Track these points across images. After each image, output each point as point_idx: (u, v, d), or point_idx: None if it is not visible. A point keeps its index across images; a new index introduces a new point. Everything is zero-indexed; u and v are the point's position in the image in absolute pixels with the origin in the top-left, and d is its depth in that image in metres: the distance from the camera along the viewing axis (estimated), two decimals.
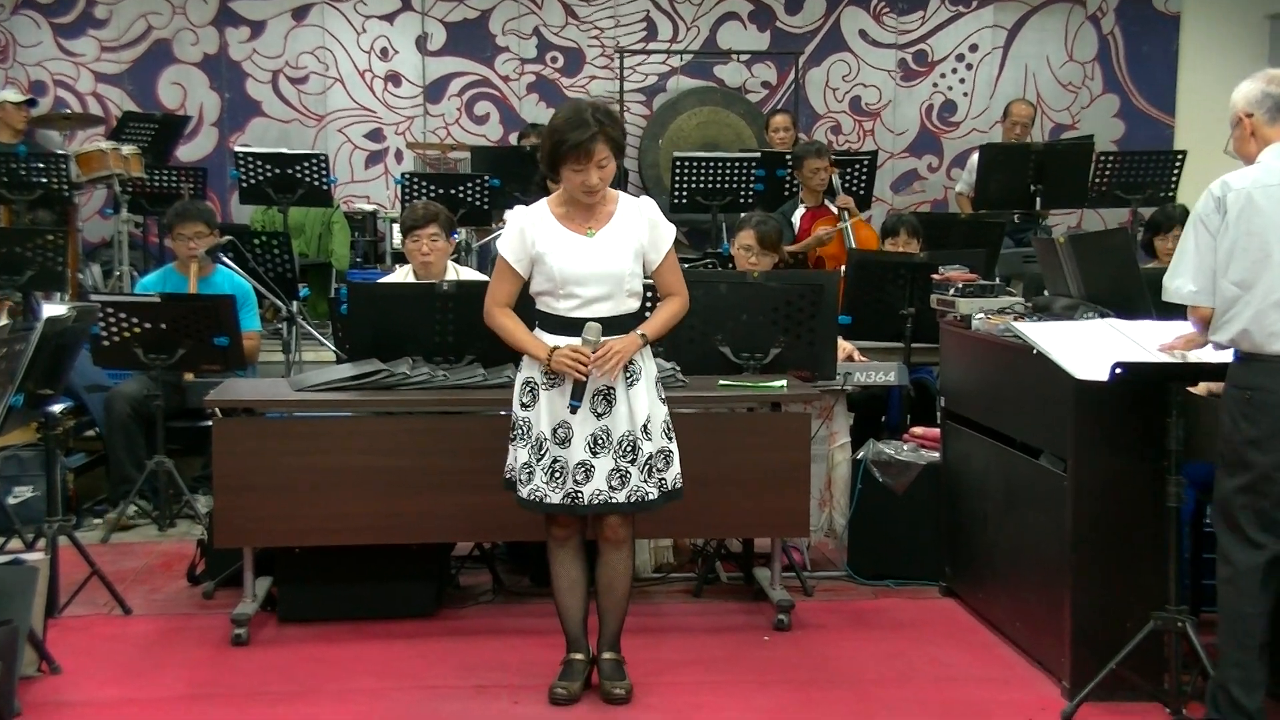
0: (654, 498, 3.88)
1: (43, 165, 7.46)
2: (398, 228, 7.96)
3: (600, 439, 3.82)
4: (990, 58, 10.31)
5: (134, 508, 5.96)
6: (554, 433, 3.83)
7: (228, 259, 6.38)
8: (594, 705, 3.95)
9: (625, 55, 10.01)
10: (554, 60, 10.13)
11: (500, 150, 9.07)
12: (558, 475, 3.84)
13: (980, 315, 4.71)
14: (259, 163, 7.87)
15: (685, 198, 7.74)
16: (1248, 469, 3.43)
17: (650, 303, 4.18)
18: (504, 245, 3.93)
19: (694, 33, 10.16)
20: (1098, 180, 7.89)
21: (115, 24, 9.76)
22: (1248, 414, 3.43)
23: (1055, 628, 4.03)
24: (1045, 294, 4.92)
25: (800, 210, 7.26)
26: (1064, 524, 3.95)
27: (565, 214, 3.90)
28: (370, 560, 4.63)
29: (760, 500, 4.60)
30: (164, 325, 5.66)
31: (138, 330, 5.66)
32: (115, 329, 5.67)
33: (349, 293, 5.11)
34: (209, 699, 4.05)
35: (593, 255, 3.84)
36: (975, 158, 8.44)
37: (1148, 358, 3.77)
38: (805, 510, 4.73)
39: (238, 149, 8.41)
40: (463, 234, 7.66)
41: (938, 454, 5.08)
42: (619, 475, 3.82)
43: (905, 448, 5.22)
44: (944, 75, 10.32)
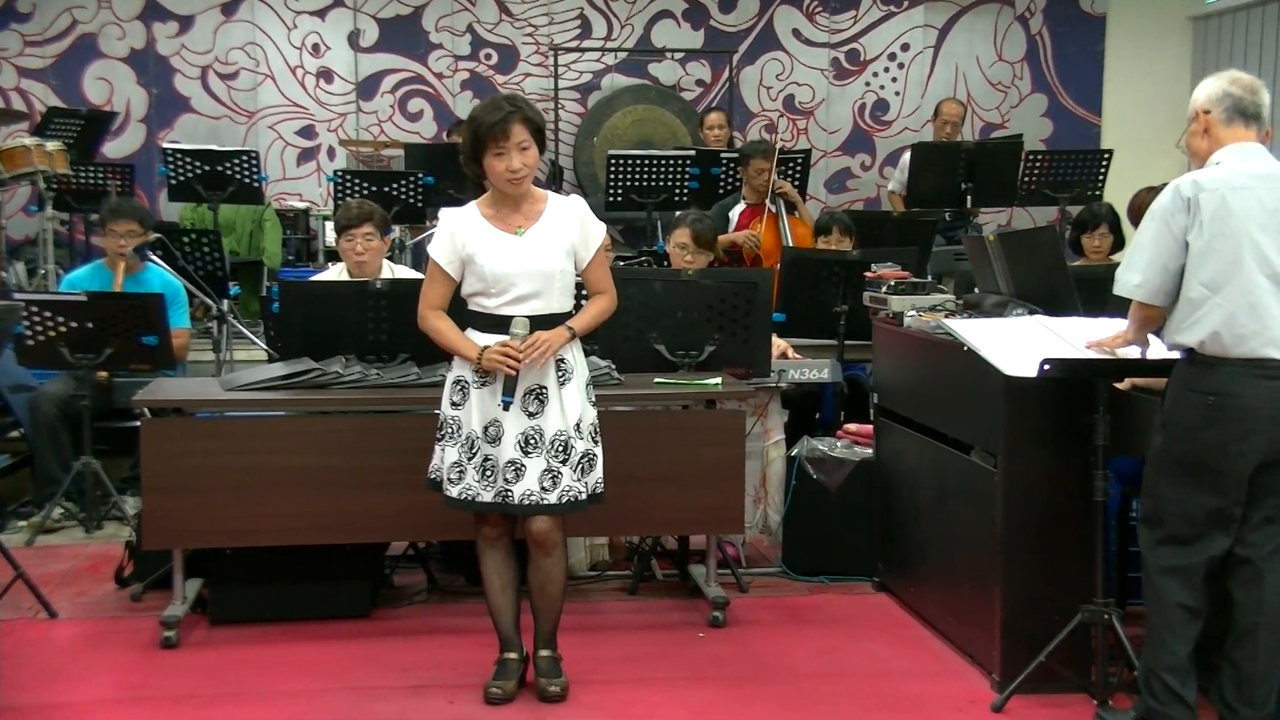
0: (584, 498, 3.88)
1: None
2: (331, 225, 7.92)
3: (532, 438, 3.82)
4: (921, 57, 10.42)
5: (60, 510, 5.86)
6: (485, 431, 3.82)
7: (156, 257, 6.30)
8: (529, 704, 3.94)
9: (560, 53, 9.99)
10: (488, 57, 10.09)
11: (434, 147, 9.00)
12: (489, 474, 3.83)
13: (912, 312, 4.75)
14: (188, 159, 7.77)
15: (620, 196, 7.74)
16: (1210, 472, 3.43)
17: (582, 302, 4.18)
18: (434, 248, 3.92)
19: (628, 31, 10.17)
20: (1026, 179, 7.99)
21: (39, 18, 9.58)
22: (1211, 419, 3.40)
23: (985, 621, 4.08)
24: (976, 291, 4.98)
25: (740, 206, 7.29)
26: (994, 519, 3.99)
27: (494, 214, 3.91)
28: (303, 561, 4.59)
29: (695, 497, 4.61)
30: (90, 324, 5.58)
31: (63, 329, 5.57)
32: (40, 328, 5.58)
33: (280, 291, 5.06)
34: (137, 703, 3.99)
35: (522, 254, 3.84)
36: (907, 156, 8.52)
37: (1075, 354, 3.82)
38: (740, 507, 4.75)
39: (166, 145, 8.29)
40: (397, 232, 7.62)
41: (871, 450, 5.12)
42: (550, 476, 3.82)
43: (839, 444, 5.26)
44: (876, 74, 10.41)
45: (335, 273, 5.64)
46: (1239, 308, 3.36)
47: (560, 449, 3.83)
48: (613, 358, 4.77)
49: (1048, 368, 3.72)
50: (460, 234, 3.88)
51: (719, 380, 4.75)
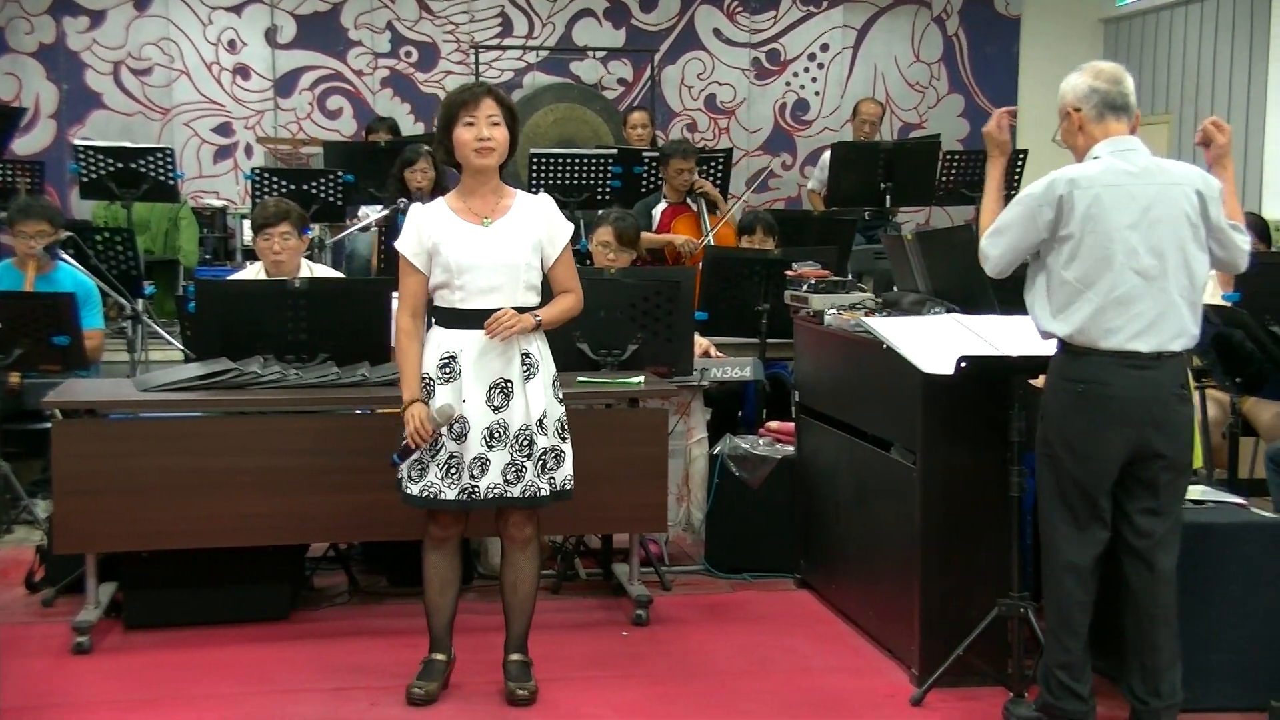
0: (546, 494, 3.87)
1: None
2: (248, 224, 7.81)
3: (497, 433, 3.80)
4: (841, 57, 10.52)
5: None
6: (450, 428, 3.80)
7: (68, 256, 6.18)
8: (454, 705, 3.93)
9: (481, 51, 9.95)
10: (408, 55, 10.03)
11: (354, 145, 8.93)
12: (453, 471, 3.80)
13: (832, 311, 4.80)
14: (100, 156, 7.62)
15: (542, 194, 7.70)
16: (1081, 461, 3.51)
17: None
18: (402, 242, 3.89)
19: (550, 29, 10.15)
20: (944, 178, 8.09)
21: None
22: (1081, 407, 3.50)
23: (905, 616, 4.12)
24: (894, 290, 5.03)
25: (662, 205, 7.30)
26: (913, 515, 4.04)
27: (462, 206, 3.89)
28: (221, 563, 4.52)
29: (619, 496, 4.62)
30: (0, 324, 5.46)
31: None
32: None
33: (197, 290, 4.99)
34: (50, 710, 3.91)
35: (488, 244, 3.83)
36: (827, 156, 8.59)
37: (991, 352, 3.88)
38: (663, 505, 4.77)
39: (77, 142, 8.13)
40: (316, 230, 7.54)
41: (793, 448, 5.16)
42: (514, 469, 3.81)
43: (761, 442, 5.29)
44: (796, 74, 10.50)
45: (253, 272, 5.57)
46: (1108, 302, 3.46)
47: (525, 444, 3.82)
48: None
49: (964, 365, 3.78)
50: (426, 226, 3.85)
51: (642, 379, 4.76)
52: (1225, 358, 4.90)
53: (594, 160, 7.66)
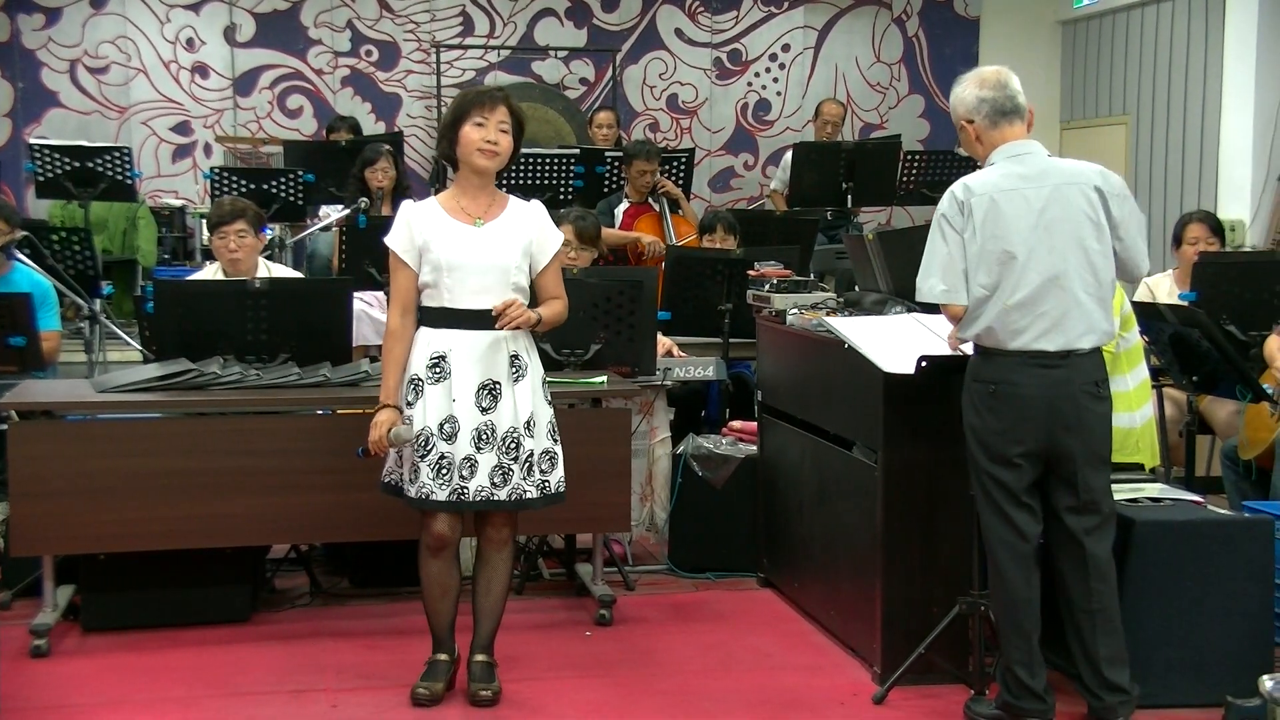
0: (532, 497, 3.86)
1: None
2: (207, 224, 7.75)
3: (485, 434, 3.79)
4: (802, 58, 10.55)
5: None
6: (440, 428, 3.78)
7: (24, 256, 6.10)
8: (417, 708, 3.91)
9: (442, 50, 9.92)
10: (369, 54, 9.98)
11: (314, 145, 8.88)
12: (444, 472, 3.78)
13: (794, 311, 4.81)
14: (56, 155, 7.54)
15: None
16: (996, 459, 3.58)
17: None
18: (392, 238, 3.87)
19: (511, 28, 10.13)
20: (905, 179, 8.13)
21: None
22: (992, 406, 3.57)
23: (867, 614, 4.14)
24: (856, 289, 5.05)
25: (624, 204, 7.31)
26: (874, 513, 4.06)
27: (454, 206, 3.88)
28: (180, 565, 4.49)
29: (582, 496, 4.59)
30: None
31: None
32: None
33: (155, 290, 4.95)
34: (8, 715, 3.86)
35: (478, 244, 3.82)
36: (789, 156, 8.60)
37: (951, 351, 3.90)
38: (627, 505, 4.77)
39: (33, 141, 8.05)
40: (276, 230, 7.49)
41: (755, 448, 5.17)
42: (501, 472, 3.80)
43: (724, 442, 5.30)
44: (758, 74, 10.52)
45: (210, 272, 5.53)
46: (1013, 304, 3.53)
47: (512, 446, 3.81)
48: None
49: (925, 364, 3.80)
50: (416, 223, 3.84)
51: (604, 379, 4.76)
52: (1182, 357, 4.95)
53: (556, 160, 7.64)
